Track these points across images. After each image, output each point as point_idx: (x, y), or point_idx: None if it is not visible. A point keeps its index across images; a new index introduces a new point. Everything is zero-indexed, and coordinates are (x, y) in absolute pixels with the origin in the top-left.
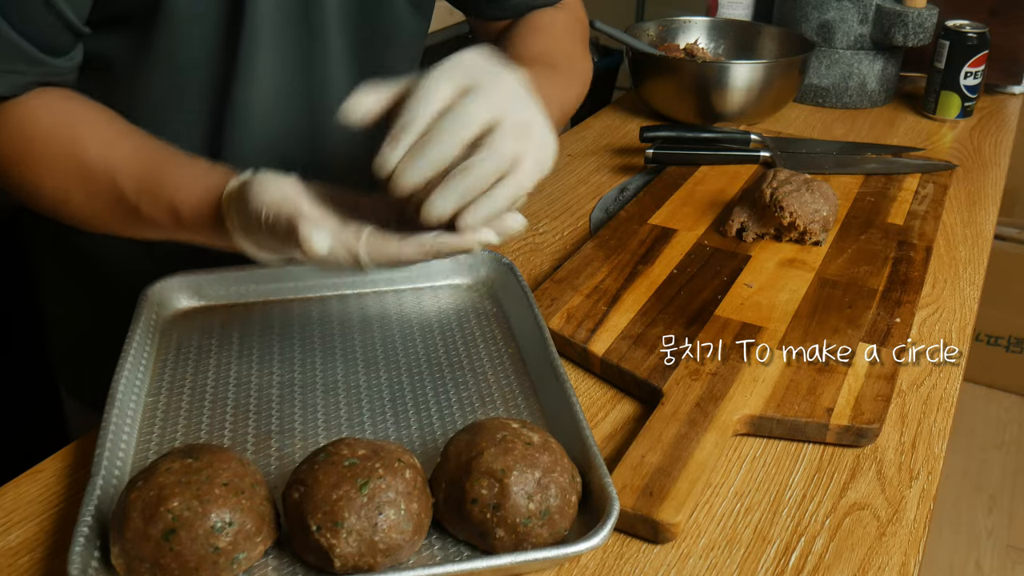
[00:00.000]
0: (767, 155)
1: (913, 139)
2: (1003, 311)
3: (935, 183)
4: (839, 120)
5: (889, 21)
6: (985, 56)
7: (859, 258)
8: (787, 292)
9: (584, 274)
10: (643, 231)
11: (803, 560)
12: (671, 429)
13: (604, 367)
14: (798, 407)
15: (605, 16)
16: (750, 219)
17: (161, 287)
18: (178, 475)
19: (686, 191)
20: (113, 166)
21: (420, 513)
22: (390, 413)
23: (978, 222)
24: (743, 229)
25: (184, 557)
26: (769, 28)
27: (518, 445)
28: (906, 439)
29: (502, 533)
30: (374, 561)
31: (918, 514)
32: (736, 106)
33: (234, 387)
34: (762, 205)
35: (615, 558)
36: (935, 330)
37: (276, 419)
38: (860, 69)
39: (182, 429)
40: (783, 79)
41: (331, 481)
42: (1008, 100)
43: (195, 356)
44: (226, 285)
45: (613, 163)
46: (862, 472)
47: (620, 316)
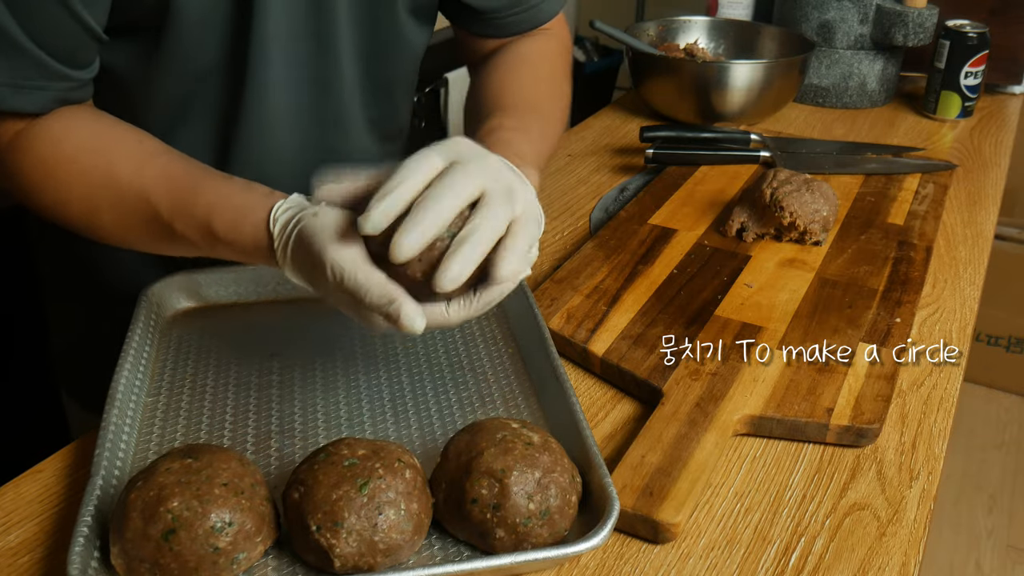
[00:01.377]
0: (767, 155)
1: (913, 139)
2: (1003, 311)
3: (935, 183)
4: (839, 120)
5: (889, 21)
6: (985, 56)
7: (859, 258)
8: (787, 292)
9: (584, 274)
10: (643, 231)
11: (803, 560)
12: (671, 429)
13: (604, 367)
14: (798, 407)
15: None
16: (750, 219)
17: (161, 287)
18: (178, 475)
19: (686, 191)
20: (145, 186)
21: (420, 513)
22: (390, 413)
23: (978, 222)
24: (743, 229)
25: (184, 557)
26: (769, 28)
27: (518, 445)
28: (906, 439)
29: (502, 533)
30: (374, 561)
31: (918, 514)
32: (736, 106)
33: (234, 387)
34: (762, 205)
35: (615, 558)
36: (935, 330)
37: (276, 419)
38: (860, 69)
39: (182, 429)
40: (783, 79)
41: (331, 481)
42: (1008, 100)
43: (195, 356)
44: (225, 285)
45: (613, 163)
46: (862, 472)
47: (620, 316)
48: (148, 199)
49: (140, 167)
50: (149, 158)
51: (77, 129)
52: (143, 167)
